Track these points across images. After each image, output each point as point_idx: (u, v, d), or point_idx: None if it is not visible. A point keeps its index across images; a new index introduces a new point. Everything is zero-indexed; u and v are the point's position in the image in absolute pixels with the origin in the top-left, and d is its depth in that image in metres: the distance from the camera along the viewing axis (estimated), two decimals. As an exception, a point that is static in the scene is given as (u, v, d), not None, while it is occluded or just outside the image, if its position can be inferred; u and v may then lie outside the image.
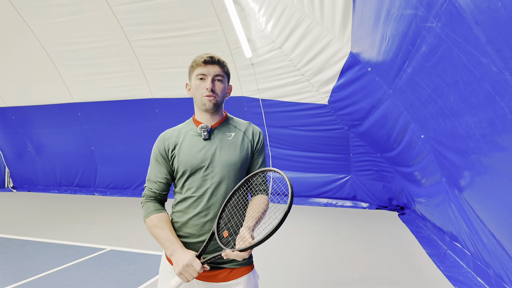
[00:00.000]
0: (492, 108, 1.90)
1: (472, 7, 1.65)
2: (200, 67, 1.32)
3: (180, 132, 1.40)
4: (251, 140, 1.40)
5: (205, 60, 1.31)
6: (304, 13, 5.09)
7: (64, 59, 7.41)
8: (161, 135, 1.43)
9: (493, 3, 1.44)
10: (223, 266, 1.32)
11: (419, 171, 4.61)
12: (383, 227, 5.24)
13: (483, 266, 2.98)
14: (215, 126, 1.39)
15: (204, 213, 1.30)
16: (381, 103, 4.85)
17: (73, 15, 6.52)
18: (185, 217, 1.32)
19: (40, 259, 3.80)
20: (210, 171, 1.31)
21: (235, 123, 1.44)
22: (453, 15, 1.90)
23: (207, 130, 1.34)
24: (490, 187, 2.42)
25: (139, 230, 5.14)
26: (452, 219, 3.61)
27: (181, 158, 1.33)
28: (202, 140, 1.34)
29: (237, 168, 1.33)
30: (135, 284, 3.09)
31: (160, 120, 7.69)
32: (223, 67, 1.36)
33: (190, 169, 1.32)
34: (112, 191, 8.70)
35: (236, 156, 1.33)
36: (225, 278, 1.31)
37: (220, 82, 1.34)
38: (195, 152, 1.32)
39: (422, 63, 2.79)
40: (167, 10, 6.00)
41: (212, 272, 1.31)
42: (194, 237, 1.31)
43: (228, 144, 1.35)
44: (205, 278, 1.32)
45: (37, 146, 9.23)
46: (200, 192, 1.31)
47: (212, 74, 1.32)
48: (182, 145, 1.35)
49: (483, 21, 1.61)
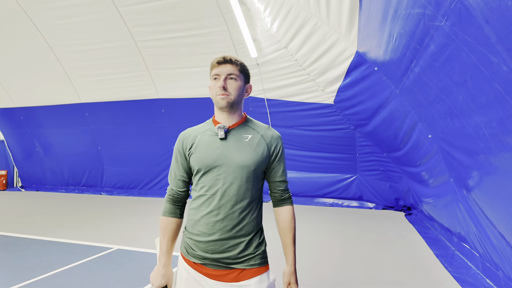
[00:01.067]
0: (502, 108, 1.87)
1: (482, 5, 1.63)
2: (214, 68, 1.36)
3: (199, 131, 1.44)
4: (268, 144, 1.39)
5: (218, 60, 1.35)
6: (310, 13, 5.07)
7: (71, 60, 7.48)
8: (181, 134, 1.48)
9: (504, 2, 1.42)
10: (233, 266, 1.32)
11: (427, 171, 4.56)
12: (390, 227, 5.20)
13: (492, 268, 2.94)
14: (233, 127, 1.39)
15: (215, 213, 1.32)
16: (388, 103, 4.82)
17: (80, 16, 6.59)
18: (198, 215, 1.35)
19: (48, 257, 3.84)
20: (223, 171, 1.32)
21: (254, 126, 1.42)
22: (463, 14, 1.88)
23: (224, 130, 1.36)
24: (499, 188, 2.39)
25: (146, 229, 5.17)
26: (461, 219, 3.57)
27: (196, 156, 1.37)
28: (219, 139, 1.36)
29: (250, 171, 1.33)
30: (142, 283, 3.11)
31: (166, 120, 7.73)
32: (237, 66, 1.36)
33: (204, 167, 1.34)
34: (119, 190, 8.77)
35: (250, 158, 1.33)
36: (235, 278, 1.31)
37: (233, 81, 1.35)
38: (210, 151, 1.35)
39: (430, 62, 2.76)
40: (173, 11, 6.03)
41: (222, 271, 1.32)
42: (205, 236, 1.33)
43: (243, 145, 1.35)
44: (214, 277, 1.32)
45: (45, 146, 9.33)
46: (212, 191, 1.33)
47: (225, 73, 1.34)
48: (199, 144, 1.39)
49: (493, 20, 1.59)
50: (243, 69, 1.39)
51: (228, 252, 1.31)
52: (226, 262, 1.32)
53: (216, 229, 1.31)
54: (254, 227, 1.35)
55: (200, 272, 1.34)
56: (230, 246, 1.31)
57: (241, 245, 1.31)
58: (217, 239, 1.30)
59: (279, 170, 1.41)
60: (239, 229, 1.31)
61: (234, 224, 1.31)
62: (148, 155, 8.23)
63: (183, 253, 1.40)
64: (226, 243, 1.30)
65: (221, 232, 1.30)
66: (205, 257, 1.32)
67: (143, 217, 6.08)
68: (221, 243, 1.30)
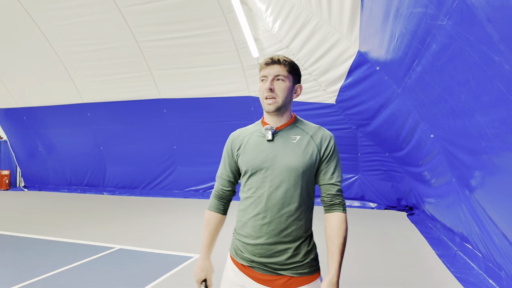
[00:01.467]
0: (505, 107, 1.86)
1: (485, 4, 1.62)
2: (263, 69, 1.33)
3: (248, 132, 1.42)
4: (318, 144, 1.32)
5: (266, 62, 1.32)
6: (311, 12, 5.07)
7: (74, 60, 7.51)
8: (231, 135, 1.47)
9: (506, 1, 1.42)
10: (281, 272, 1.27)
11: (429, 171, 4.55)
12: (392, 227, 5.19)
13: (495, 268, 2.93)
14: (281, 128, 1.35)
15: (262, 215, 1.29)
16: (389, 102, 4.81)
17: (82, 17, 6.61)
18: (246, 217, 1.34)
19: (51, 257, 3.86)
20: (270, 173, 1.29)
21: (304, 126, 1.37)
22: (465, 13, 1.87)
23: (271, 132, 1.32)
24: (502, 187, 2.38)
25: (148, 229, 5.18)
26: (463, 219, 3.56)
27: (244, 158, 1.35)
28: (266, 141, 1.33)
29: (298, 173, 1.27)
30: (144, 283, 3.11)
31: (168, 120, 7.74)
32: (286, 66, 1.31)
33: (251, 169, 1.32)
34: (121, 190, 8.80)
35: (298, 160, 1.28)
36: (283, 285, 1.26)
37: (281, 82, 1.30)
38: (258, 153, 1.32)
39: (432, 61, 2.75)
40: (174, 11, 6.04)
41: (270, 276, 1.28)
42: (252, 238, 1.30)
43: (291, 147, 1.30)
44: (262, 281, 1.29)
45: (47, 146, 9.37)
46: (259, 193, 1.30)
47: (272, 74, 1.30)
48: (247, 145, 1.37)
49: (496, 19, 1.58)
50: (293, 69, 1.33)
51: (276, 257, 1.27)
52: (273, 268, 1.28)
53: (263, 232, 1.28)
54: (302, 233, 1.29)
55: (247, 275, 1.31)
56: (278, 251, 1.27)
57: (289, 251, 1.27)
58: (263, 243, 1.27)
59: (329, 172, 1.31)
60: (286, 234, 1.27)
61: (281, 229, 1.26)
62: (150, 155, 8.25)
63: (232, 254, 1.38)
64: (273, 247, 1.27)
65: (267, 235, 1.27)
66: (253, 260, 1.29)
67: (145, 217, 6.10)
68: (268, 247, 1.27)
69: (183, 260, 3.76)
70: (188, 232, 5.01)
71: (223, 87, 6.88)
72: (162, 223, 5.63)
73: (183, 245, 4.33)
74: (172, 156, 8.10)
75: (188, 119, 7.54)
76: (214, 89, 6.97)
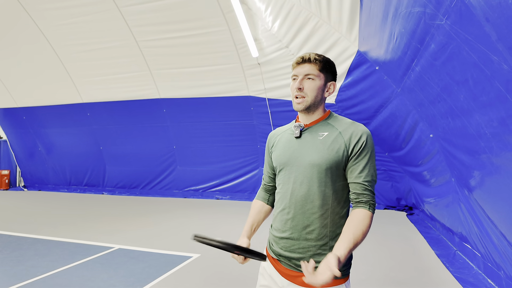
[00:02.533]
0: (504, 107, 1.86)
1: (483, 4, 1.62)
2: (294, 69, 1.34)
3: (282, 130, 1.46)
4: (346, 141, 1.26)
5: (297, 61, 1.33)
6: (311, 12, 5.07)
7: (73, 60, 7.51)
8: (270, 133, 1.52)
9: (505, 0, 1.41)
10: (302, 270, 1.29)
11: (428, 171, 4.55)
12: (391, 227, 5.18)
13: (494, 268, 2.93)
14: (310, 126, 1.34)
15: (286, 211, 1.31)
16: (389, 102, 4.80)
17: (81, 17, 6.61)
18: (276, 211, 1.39)
19: (50, 257, 3.86)
20: (295, 169, 1.30)
21: (335, 122, 1.34)
22: (463, 13, 1.87)
23: (299, 129, 1.34)
24: (501, 187, 2.37)
25: (147, 229, 5.18)
26: (462, 219, 3.55)
27: (275, 155, 1.40)
28: (294, 138, 1.35)
29: (321, 170, 1.25)
30: (143, 283, 3.11)
31: (167, 120, 7.74)
32: (317, 65, 1.30)
33: (279, 165, 1.36)
34: (121, 190, 8.80)
35: (322, 157, 1.25)
36: (304, 283, 1.25)
37: (310, 80, 1.29)
38: (286, 149, 1.35)
39: (431, 61, 2.75)
40: (174, 11, 6.03)
41: (293, 272, 1.29)
42: (279, 232, 1.34)
43: (316, 144, 1.29)
44: (286, 276, 1.31)
45: (47, 146, 9.37)
46: (285, 189, 1.33)
47: (302, 74, 1.31)
48: (279, 143, 1.41)
49: (494, 18, 1.58)
50: (325, 67, 1.31)
51: (299, 253, 1.27)
52: (296, 264, 1.28)
53: (288, 227, 1.31)
54: (328, 232, 1.25)
55: (275, 268, 1.35)
56: (301, 247, 1.27)
57: (312, 250, 1.26)
58: (288, 237, 1.30)
59: (357, 170, 1.24)
60: (309, 231, 1.26)
61: (304, 225, 1.27)
62: (149, 155, 8.25)
63: (267, 247, 1.44)
64: (296, 243, 1.28)
65: (291, 230, 1.29)
66: (280, 254, 1.33)
67: (144, 216, 6.10)
68: (292, 242, 1.29)
69: (183, 260, 3.76)
70: (187, 232, 5.01)
71: (222, 87, 6.87)
72: (161, 223, 5.62)
73: (183, 245, 4.33)
74: (171, 156, 8.09)
75: (188, 119, 7.53)
76: (213, 89, 6.96)
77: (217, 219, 5.81)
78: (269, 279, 1.38)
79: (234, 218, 5.85)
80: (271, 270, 1.37)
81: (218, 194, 7.73)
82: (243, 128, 7.13)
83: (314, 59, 1.29)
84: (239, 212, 6.33)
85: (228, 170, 7.65)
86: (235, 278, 3.23)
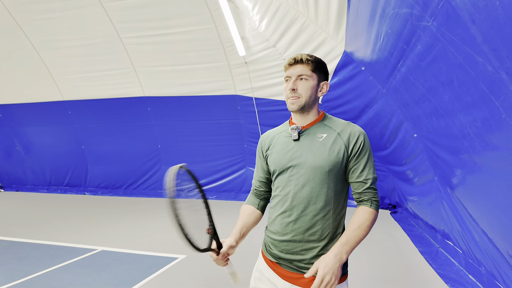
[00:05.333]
0: (487, 108, 1.91)
1: (469, 5, 1.64)
2: (286, 70, 1.35)
3: (276, 132, 1.45)
4: (345, 142, 1.29)
5: (289, 62, 1.34)
6: (298, 11, 5.07)
7: (54, 56, 7.26)
8: (261, 136, 1.50)
9: (491, 2, 1.44)
10: (305, 271, 1.28)
11: (412, 170, 4.64)
12: (376, 225, 5.23)
13: (475, 264, 3.01)
14: (307, 127, 1.35)
15: (288, 213, 1.31)
16: (374, 102, 4.87)
17: (62, 11, 6.39)
18: (274, 214, 1.37)
19: (28, 260, 3.71)
20: (295, 172, 1.30)
21: (331, 123, 1.36)
22: (450, 14, 1.90)
23: (297, 131, 1.34)
24: (482, 186, 2.44)
25: (131, 230, 5.07)
26: (444, 217, 3.64)
27: (272, 158, 1.38)
28: (292, 141, 1.35)
29: (323, 172, 1.26)
30: (127, 285, 3.03)
31: (152, 118, 7.60)
32: (309, 65, 1.31)
33: (278, 168, 1.35)
34: (103, 190, 8.58)
35: (324, 159, 1.27)
36: (307, 284, 1.26)
37: (304, 81, 1.31)
38: (284, 152, 1.35)
39: (417, 62, 2.79)
40: (159, 7, 5.92)
41: (295, 274, 1.30)
42: (279, 235, 1.33)
43: (317, 146, 1.30)
44: (287, 278, 1.31)
45: (25, 145, 9.04)
46: (285, 191, 1.32)
47: (295, 74, 1.32)
48: (275, 146, 1.40)
49: (480, 20, 1.61)
50: (317, 67, 1.33)
51: (301, 255, 1.29)
52: (298, 266, 1.30)
53: (289, 230, 1.30)
54: (330, 232, 1.28)
55: (275, 271, 1.34)
56: (303, 249, 1.28)
57: (315, 250, 1.27)
58: (290, 239, 1.29)
59: (358, 170, 1.28)
60: (312, 233, 1.27)
61: (307, 227, 1.27)
62: (133, 154, 8.08)
63: (263, 250, 1.43)
64: (298, 245, 1.29)
65: (293, 233, 1.29)
66: (280, 257, 1.32)
67: (128, 217, 5.96)
68: (294, 245, 1.29)
69: (168, 261, 3.69)
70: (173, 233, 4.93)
71: (209, 85, 6.80)
72: (146, 223, 5.51)
73: (168, 246, 4.25)
74: (156, 155, 7.95)
75: (173, 118, 7.42)
76: (200, 87, 6.88)
77: (203, 219, 5.74)
78: (268, 283, 1.36)
79: (220, 218, 5.78)
80: (270, 274, 1.36)
81: (204, 194, 7.64)
82: (230, 127, 7.08)
83: (306, 59, 1.31)
84: (225, 211, 6.28)
85: (215, 169, 7.58)
86: (222, 280, 3.20)
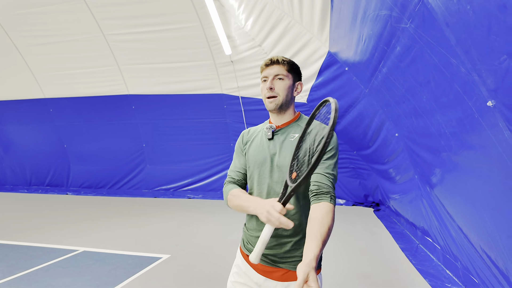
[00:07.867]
0: (461, 108, 1.97)
1: (443, 9, 1.70)
2: (263, 70, 1.40)
3: (256, 130, 1.50)
4: None
5: (266, 63, 1.40)
6: (283, 11, 5.10)
7: (35, 53, 7.05)
8: (243, 131, 1.55)
9: (462, 6, 1.49)
10: (279, 265, 1.33)
11: (394, 169, 4.75)
12: (359, 223, 5.36)
13: (451, 259, 3.11)
14: (281, 127, 1.41)
15: None
16: (357, 102, 4.96)
17: (43, 6, 6.22)
18: None
19: (6, 262, 3.60)
20: (268, 170, 1.35)
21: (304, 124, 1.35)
22: (426, 17, 1.95)
23: (271, 131, 1.40)
24: (458, 184, 2.52)
25: (114, 230, 4.99)
26: (424, 214, 3.75)
27: (249, 154, 1.44)
28: (267, 139, 1.40)
29: None
30: (109, 285, 2.99)
31: (136, 117, 7.49)
32: (285, 65, 1.38)
33: (252, 165, 1.40)
34: (86, 190, 8.41)
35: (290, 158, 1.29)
36: (280, 277, 1.32)
37: (280, 81, 1.37)
38: (259, 150, 1.40)
39: (397, 63, 2.86)
40: (144, 4, 5.84)
41: (269, 268, 1.35)
42: (255, 231, 1.37)
43: (289, 145, 1.35)
44: (262, 272, 1.35)
45: (4, 144, 8.76)
46: (260, 189, 1.37)
47: (272, 74, 1.38)
48: (253, 143, 1.45)
49: (453, 23, 1.67)
50: (292, 68, 1.40)
51: (275, 249, 1.33)
52: (272, 260, 1.34)
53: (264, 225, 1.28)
54: (303, 228, 1.31)
55: (251, 265, 1.38)
56: (277, 244, 1.32)
57: (288, 245, 1.32)
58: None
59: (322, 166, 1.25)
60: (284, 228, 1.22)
61: None
62: (117, 153, 7.95)
63: (241, 246, 1.47)
64: (273, 240, 1.33)
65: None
66: None
67: (112, 217, 5.87)
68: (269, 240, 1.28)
69: (152, 261, 3.66)
70: (157, 233, 4.88)
71: (194, 84, 6.76)
72: (130, 223, 5.44)
73: (151, 245, 4.21)
74: (141, 154, 7.85)
75: (158, 116, 7.34)
76: (185, 86, 6.83)
77: (189, 219, 5.71)
78: (245, 277, 1.40)
79: (206, 218, 5.78)
80: (247, 268, 1.40)
81: (190, 193, 7.60)
82: (216, 126, 7.05)
83: (282, 60, 1.39)
84: (212, 211, 6.27)
85: (200, 168, 7.54)
86: (206, 279, 3.19)
